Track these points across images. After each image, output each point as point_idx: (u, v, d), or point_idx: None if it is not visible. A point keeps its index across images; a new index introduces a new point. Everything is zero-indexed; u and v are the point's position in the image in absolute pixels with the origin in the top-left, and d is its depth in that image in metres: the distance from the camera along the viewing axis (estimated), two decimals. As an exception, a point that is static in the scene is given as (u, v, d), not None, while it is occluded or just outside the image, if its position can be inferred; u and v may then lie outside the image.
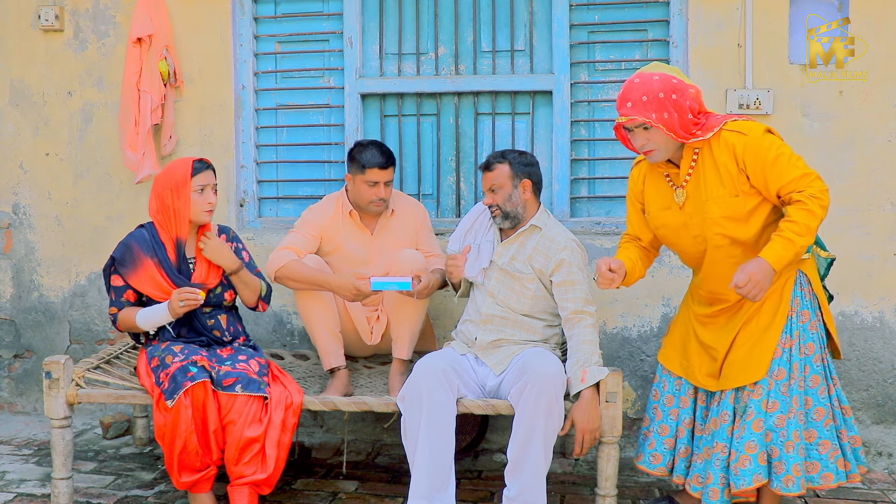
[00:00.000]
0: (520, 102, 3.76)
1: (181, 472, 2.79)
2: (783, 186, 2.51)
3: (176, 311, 2.89)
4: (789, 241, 2.47)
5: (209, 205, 3.02)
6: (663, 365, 2.91)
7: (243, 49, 3.89)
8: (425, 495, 2.72)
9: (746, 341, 2.66)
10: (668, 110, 2.53)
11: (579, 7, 3.69)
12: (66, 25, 3.96)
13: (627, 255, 2.84)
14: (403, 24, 3.82)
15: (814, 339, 2.64)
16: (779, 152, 2.52)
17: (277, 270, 3.16)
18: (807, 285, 2.66)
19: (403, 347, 3.22)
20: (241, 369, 2.87)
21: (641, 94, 2.53)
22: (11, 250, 4.09)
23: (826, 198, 2.50)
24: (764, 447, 2.61)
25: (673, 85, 2.54)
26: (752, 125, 2.58)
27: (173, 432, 2.75)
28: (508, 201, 2.99)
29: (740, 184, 2.56)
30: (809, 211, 2.47)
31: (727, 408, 2.67)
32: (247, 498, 2.79)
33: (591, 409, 2.74)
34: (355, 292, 3.06)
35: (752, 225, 2.60)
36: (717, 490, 2.65)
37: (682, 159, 2.66)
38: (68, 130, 4.00)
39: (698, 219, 2.65)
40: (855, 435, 2.70)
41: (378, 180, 3.23)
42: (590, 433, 2.74)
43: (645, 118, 2.53)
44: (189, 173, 2.98)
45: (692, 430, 2.83)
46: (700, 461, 2.72)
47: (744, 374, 2.64)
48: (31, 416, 4.10)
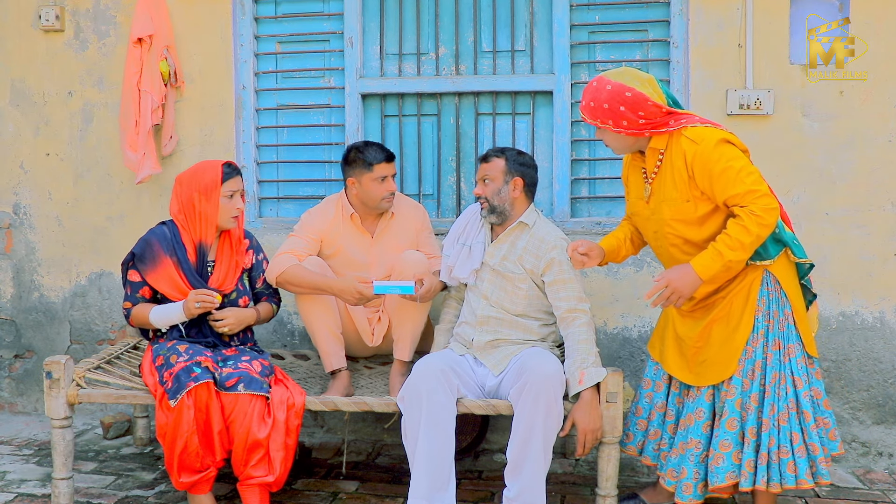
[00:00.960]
0: (520, 102, 3.76)
1: (181, 472, 2.80)
2: (728, 199, 2.55)
3: (191, 311, 2.91)
4: (718, 254, 2.53)
5: (237, 210, 3.04)
6: (648, 350, 3.01)
7: (244, 49, 3.89)
8: (425, 495, 2.73)
9: (717, 340, 2.70)
10: (613, 118, 2.61)
11: (580, 7, 3.69)
12: (67, 25, 3.96)
13: (616, 234, 2.96)
14: (404, 24, 3.82)
15: (780, 337, 2.66)
16: (727, 165, 2.53)
17: (279, 276, 3.15)
18: (773, 285, 2.67)
19: (404, 348, 3.22)
20: (243, 369, 2.88)
21: (590, 100, 2.66)
22: (12, 250, 4.09)
23: (768, 217, 2.50)
24: (738, 446, 2.66)
25: (623, 98, 2.60)
26: (707, 134, 2.58)
27: (175, 432, 2.75)
28: (497, 195, 3.01)
29: (692, 189, 2.61)
30: (744, 227, 2.50)
31: (702, 405, 2.72)
32: (258, 496, 2.81)
33: (591, 409, 2.74)
34: (358, 296, 3.06)
35: (706, 228, 2.65)
36: (689, 485, 2.71)
37: (647, 157, 2.72)
38: (69, 130, 4.00)
39: (658, 216, 2.72)
40: (812, 443, 2.66)
41: (386, 174, 3.25)
42: (591, 433, 2.75)
43: (592, 121, 2.66)
44: (220, 178, 2.99)
45: (664, 414, 2.89)
46: (675, 456, 2.77)
47: (713, 373, 2.69)
48: (32, 417, 4.10)
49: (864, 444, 3.50)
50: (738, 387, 2.66)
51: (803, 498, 3.10)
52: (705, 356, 2.72)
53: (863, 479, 3.34)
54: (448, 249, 3.14)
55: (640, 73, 2.66)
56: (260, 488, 2.81)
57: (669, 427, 2.85)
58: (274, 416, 2.82)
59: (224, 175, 3.01)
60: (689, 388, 2.78)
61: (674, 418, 2.85)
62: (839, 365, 3.52)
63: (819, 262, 3.43)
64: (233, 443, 2.81)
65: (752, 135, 3.44)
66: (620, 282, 3.63)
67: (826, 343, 3.50)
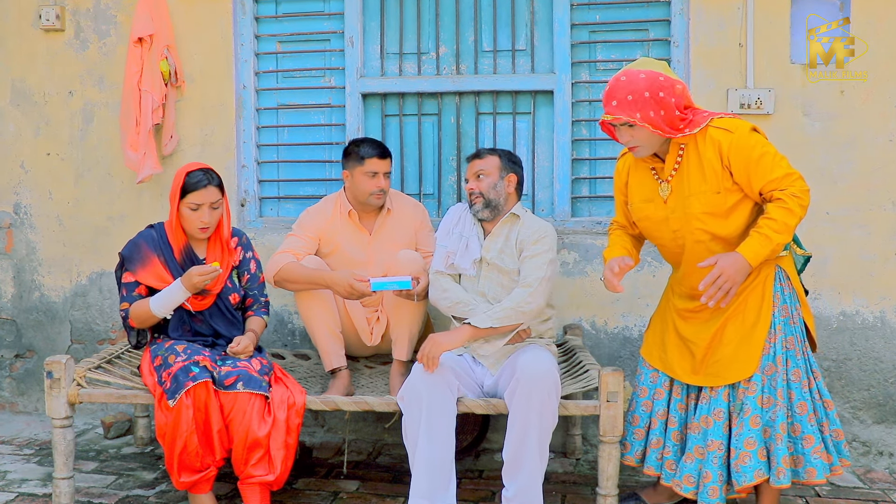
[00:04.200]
0: (521, 102, 3.76)
1: (181, 472, 2.80)
2: (766, 184, 2.54)
3: (195, 286, 2.86)
4: (766, 238, 2.51)
5: (203, 223, 2.95)
6: (644, 358, 2.95)
7: (244, 49, 3.89)
8: (426, 495, 2.73)
9: (734, 338, 2.68)
10: (654, 108, 2.55)
11: (580, 7, 3.69)
12: (67, 25, 3.96)
13: (623, 244, 2.90)
14: (404, 23, 3.82)
15: (794, 333, 2.67)
16: (763, 151, 2.54)
17: (276, 275, 3.19)
18: (785, 280, 2.68)
19: (402, 348, 3.22)
20: (242, 367, 2.88)
21: (627, 93, 2.55)
22: (12, 250, 4.09)
23: (806, 198, 2.52)
24: (762, 443, 2.64)
25: (660, 83, 2.55)
26: (739, 123, 2.60)
27: (174, 432, 2.75)
28: (493, 189, 3.03)
29: (724, 180, 2.59)
30: (789, 209, 2.50)
31: (720, 405, 2.69)
32: (258, 495, 2.81)
33: (450, 334, 2.85)
34: (350, 289, 3.06)
35: (732, 221, 2.63)
36: (716, 488, 2.67)
37: (667, 154, 2.69)
38: (69, 130, 4.00)
39: (680, 213, 2.68)
40: (837, 428, 2.72)
41: (377, 170, 3.26)
42: (430, 344, 2.81)
43: (629, 117, 2.55)
44: (180, 185, 2.94)
45: (665, 421, 2.85)
46: (691, 461, 2.73)
47: (734, 371, 2.67)
48: (33, 416, 4.10)
49: (865, 444, 3.50)
50: (758, 383, 2.63)
51: (804, 497, 3.10)
52: (719, 356, 2.69)
53: (863, 478, 3.34)
54: (443, 240, 3.12)
55: (658, 62, 2.65)
56: (260, 487, 2.81)
57: (673, 434, 2.81)
58: (274, 415, 2.82)
59: (188, 185, 2.92)
60: (698, 390, 2.76)
61: (677, 425, 2.81)
62: (840, 364, 3.52)
63: (820, 261, 3.44)
64: (232, 442, 2.81)
65: (753, 134, 3.44)
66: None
67: (827, 342, 3.50)
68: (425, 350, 2.80)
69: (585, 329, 3.66)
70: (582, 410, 2.81)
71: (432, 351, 2.79)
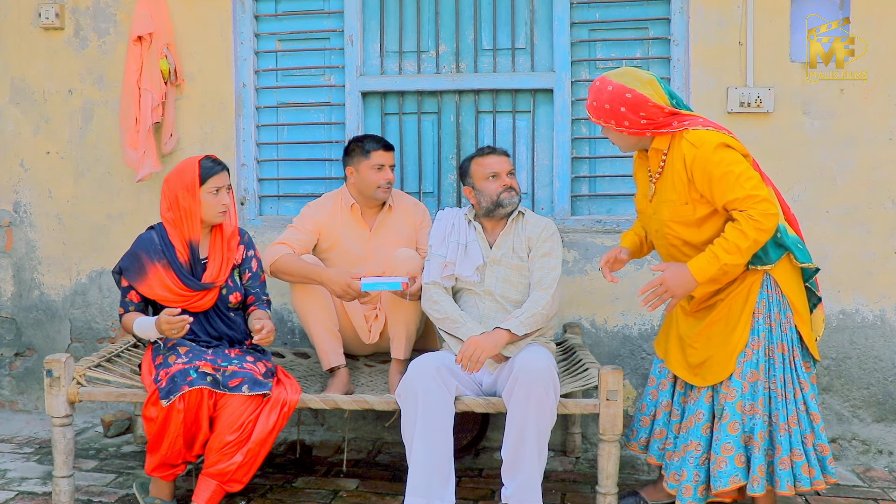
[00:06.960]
0: (521, 100, 3.76)
1: (158, 468, 2.84)
2: (727, 203, 2.54)
3: (162, 329, 2.86)
4: (715, 257, 2.54)
5: (223, 205, 3.03)
6: (655, 348, 3.01)
7: (244, 47, 3.88)
8: (422, 493, 2.73)
9: (715, 341, 2.69)
10: (616, 118, 2.63)
11: (580, 5, 3.68)
12: (67, 23, 3.96)
13: (636, 230, 2.99)
14: (404, 22, 3.82)
15: (784, 341, 2.65)
16: (726, 170, 2.53)
17: (272, 265, 3.20)
18: (773, 287, 2.64)
19: (400, 347, 3.22)
20: (248, 369, 2.87)
21: (593, 100, 2.68)
22: (12, 248, 4.09)
23: (767, 222, 2.49)
24: (741, 449, 2.64)
25: (624, 99, 2.61)
26: (708, 137, 2.57)
27: (162, 433, 2.76)
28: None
29: (690, 192, 2.61)
30: (741, 231, 2.50)
31: (702, 406, 2.71)
32: (211, 492, 2.79)
33: (488, 337, 2.83)
34: (345, 288, 3.06)
35: (704, 231, 2.65)
36: (689, 487, 2.69)
37: (650, 157, 2.73)
38: (69, 129, 4.00)
39: (658, 216, 2.73)
40: (822, 443, 2.67)
41: (384, 163, 3.29)
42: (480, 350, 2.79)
43: (597, 120, 2.68)
44: (198, 174, 2.98)
45: (669, 413, 2.88)
46: (677, 459, 2.76)
47: (711, 374, 2.68)
48: (33, 415, 4.10)
49: (864, 442, 3.51)
50: (738, 389, 2.63)
51: (804, 496, 3.10)
52: (704, 356, 2.71)
53: (863, 476, 3.34)
54: (439, 249, 3.09)
55: (641, 74, 2.65)
56: (217, 487, 2.80)
57: (675, 427, 2.83)
58: (262, 418, 2.81)
59: (207, 170, 2.99)
60: (692, 388, 2.77)
61: (679, 418, 2.83)
62: (839, 363, 3.53)
63: (820, 260, 3.42)
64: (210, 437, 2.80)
65: (753, 133, 3.44)
66: (620, 280, 3.61)
67: (826, 341, 3.50)
68: (467, 353, 2.79)
69: (585, 327, 3.66)
70: (581, 409, 2.81)
71: (475, 354, 2.79)
